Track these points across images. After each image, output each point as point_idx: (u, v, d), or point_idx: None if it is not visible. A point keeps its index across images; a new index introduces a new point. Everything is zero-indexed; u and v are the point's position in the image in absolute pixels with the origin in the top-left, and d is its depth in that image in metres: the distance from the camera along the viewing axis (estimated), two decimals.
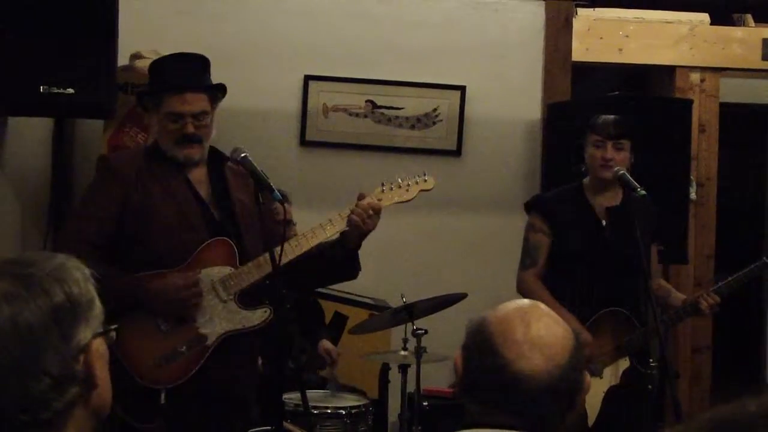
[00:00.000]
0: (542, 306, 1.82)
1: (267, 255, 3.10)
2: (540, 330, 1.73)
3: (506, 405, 1.72)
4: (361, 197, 3.28)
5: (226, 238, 3.23)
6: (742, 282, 3.94)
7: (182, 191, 3.25)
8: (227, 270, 3.21)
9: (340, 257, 3.30)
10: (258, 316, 3.22)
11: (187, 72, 3.31)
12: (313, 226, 3.26)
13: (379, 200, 3.30)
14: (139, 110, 3.64)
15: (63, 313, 1.40)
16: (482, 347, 1.74)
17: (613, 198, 4.02)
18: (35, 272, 1.41)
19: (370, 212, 3.23)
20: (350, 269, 3.40)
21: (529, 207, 4.15)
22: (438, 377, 4.87)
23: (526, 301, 1.84)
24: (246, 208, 3.25)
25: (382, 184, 3.34)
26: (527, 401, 1.70)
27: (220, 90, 3.33)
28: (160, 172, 3.26)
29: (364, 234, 3.26)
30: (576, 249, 3.97)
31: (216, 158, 3.33)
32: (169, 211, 3.21)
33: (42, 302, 1.39)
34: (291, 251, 3.18)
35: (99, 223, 3.19)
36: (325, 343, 4.42)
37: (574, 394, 1.76)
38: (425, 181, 3.41)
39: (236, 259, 3.22)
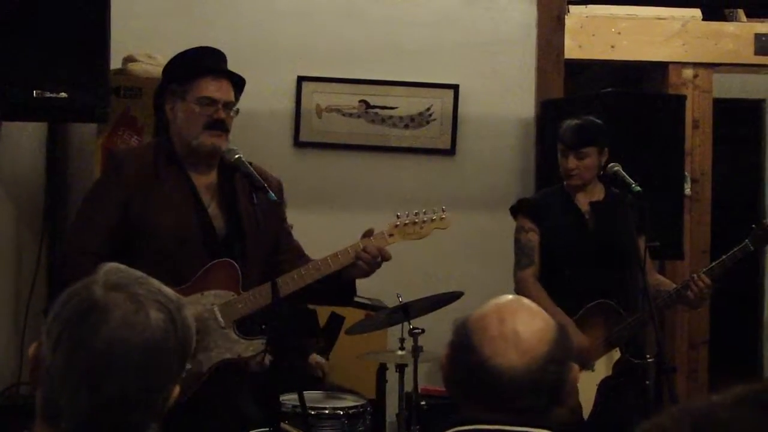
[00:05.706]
0: (523, 300, 1.85)
1: (268, 285, 3.06)
2: (515, 325, 1.76)
3: (488, 401, 1.75)
4: (369, 233, 3.22)
5: (231, 261, 3.14)
6: (726, 266, 3.85)
7: (185, 200, 3.16)
8: (229, 296, 3.13)
9: (338, 285, 3.25)
10: (254, 347, 3.15)
11: (221, 62, 3.28)
12: (319, 259, 3.20)
13: (391, 236, 3.23)
14: (131, 110, 3.61)
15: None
16: (462, 345, 1.79)
17: (594, 193, 4.07)
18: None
19: (379, 259, 3.19)
20: (346, 297, 3.39)
21: (516, 210, 4.17)
22: (436, 376, 4.87)
23: (506, 296, 1.86)
24: (254, 221, 3.12)
25: (398, 216, 3.26)
26: (507, 396, 1.73)
27: (242, 87, 3.29)
28: (166, 174, 3.17)
29: (367, 274, 3.23)
30: (564, 245, 4.02)
31: (227, 167, 3.20)
32: (167, 226, 3.10)
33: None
34: (294, 283, 3.12)
35: (101, 232, 3.11)
36: (315, 357, 4.39)
37: (558, 386, 1.77)
38: (441, 219, 3.30)
39: (239, 284, 3.14)
